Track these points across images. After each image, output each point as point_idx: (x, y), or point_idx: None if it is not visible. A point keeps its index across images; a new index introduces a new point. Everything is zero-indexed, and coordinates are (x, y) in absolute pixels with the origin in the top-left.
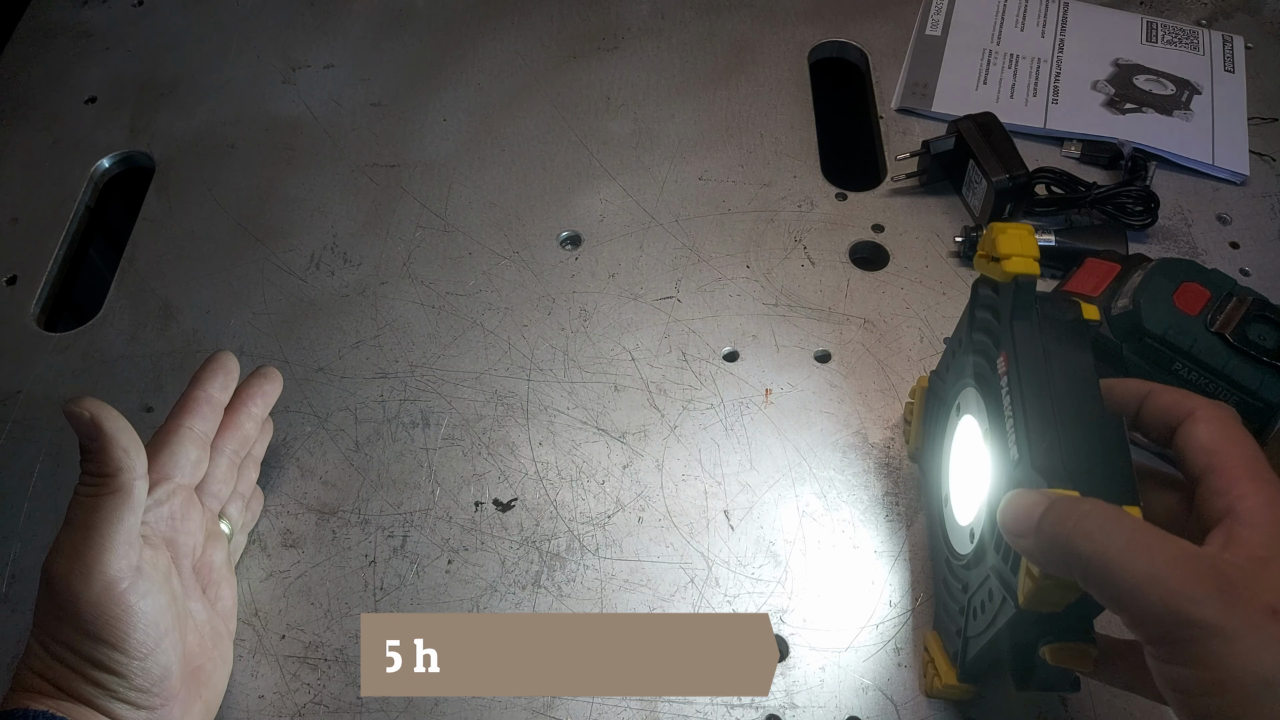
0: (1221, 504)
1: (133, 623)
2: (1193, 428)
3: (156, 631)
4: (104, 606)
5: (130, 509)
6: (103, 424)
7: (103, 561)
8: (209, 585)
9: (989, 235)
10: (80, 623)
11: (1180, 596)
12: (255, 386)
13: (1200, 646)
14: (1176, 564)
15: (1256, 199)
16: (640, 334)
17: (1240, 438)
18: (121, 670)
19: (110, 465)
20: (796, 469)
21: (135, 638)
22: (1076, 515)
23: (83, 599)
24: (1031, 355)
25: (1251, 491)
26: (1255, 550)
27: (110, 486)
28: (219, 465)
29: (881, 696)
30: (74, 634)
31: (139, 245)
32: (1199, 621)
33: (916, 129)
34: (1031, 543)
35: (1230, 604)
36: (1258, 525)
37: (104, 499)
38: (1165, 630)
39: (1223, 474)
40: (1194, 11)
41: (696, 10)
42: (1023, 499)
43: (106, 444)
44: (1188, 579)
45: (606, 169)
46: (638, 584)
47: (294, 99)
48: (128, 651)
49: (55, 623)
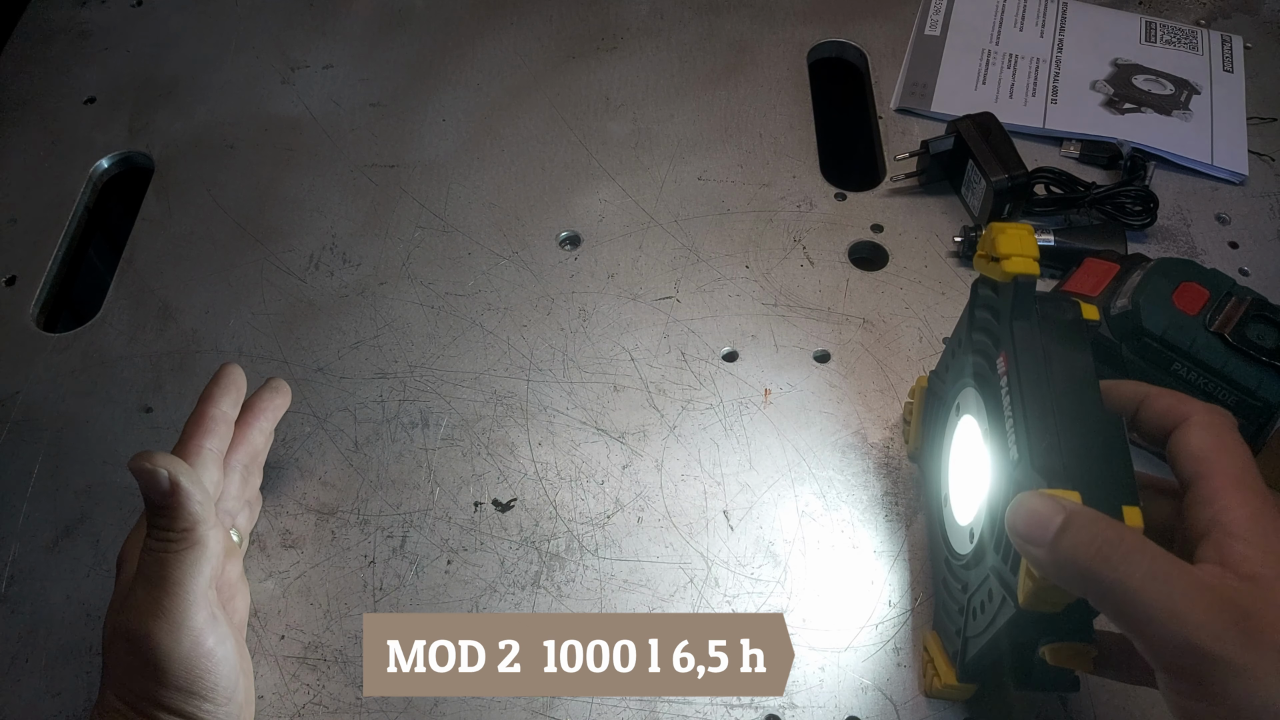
0: (1207, 514)
1: (218, 671)
2: (1185, 434)
3: (234, 673)
4: (194, 660)
5: (207, 560)
6: (180, 480)
7: (189, 616)
8: (226, 600)
9: (988, 235)
10: (169, 678)
11: (1201, 631)
12: (265, 400)
13: (1220, 684)
14: (1195, 596)
15: (1255, 199)
16: (639, 334)
17: (1231, 446)
18: (209, 717)
19: (188, 520)
20: (796, 469)
21: (221, 685)
22: (1098, 541)
23: (174, 656)
24: (1031, 355)
25: (1237, 503)
26: (1250, 567)
27: (188, 541)
28: (232, 481)
29: (881, 696)
30: (160, 689)
31: (138, 245)
32: (1218, 657)
33: (915, 129)
34: (1044, 555)
35: (1249, 640)
36: (1247, 539)
37: (183, 554)
38: (1183, 662)
39: (1209, 483)
40: (1193, 11)
41: (695, 10)
42: (1036, 505)
43: (184, 500)
44: (1208, 614)
45: (606, 169)
46: (637, 584)
47: (293, 99)
48: (215, 699)
49: (141, 680)
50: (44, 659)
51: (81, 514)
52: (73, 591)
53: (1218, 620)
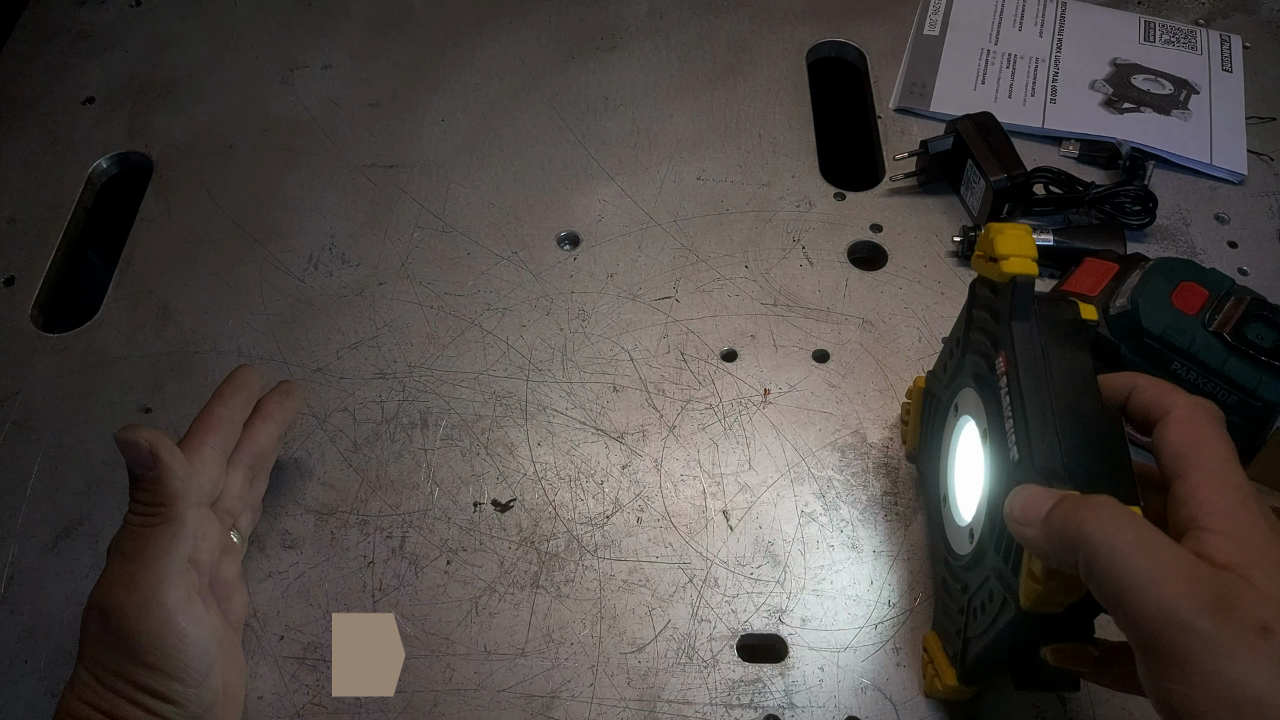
0: (1184, 513)
1: (189, 651)
2: (1165, 429)
3: (209, 657)
4: (163, 637)
5: (184, 538)
6: (160, 453)
7: (161, 592)
8: (223, 599)
9: (986, 236)
10: (138, 654)
11: (1179, 602)
12: (276, 404)
13: (1192, 659)
14: (1178, 569)
15: (1254, 198)
16: (639, 334)
17: (1210, 439)
18: (179, 699)
19: (166, 494)
20: (795, 469)
21: (192, 665)
22: (1088, 506)
23: (142, 630)
24: (1030, 355)
25: (1215, 497)
26: (1223, 557)
27: (165, 516)
28: (235, 480)
29: (880, 696)
30: (130, 665)
31: (137, 246)
32: (1195, 630)
33: (915, 129)
34: (1038, 532)
35: (1225, 617)
36: (1220, 532)
37: (159, 529)
38: (1160, 636)
39: (1185, 481)
40: (1192, 11)
41: (694, 10)
42: (1032, 491)
43: (164, 473)
44: (1188, 586)
45: (605, 169)
46: (636, 584)
47: (292, 99)
48: (185, 680)
49: (110, 654)
50: (44, 659)
51: (81, 514)
52: (72, 592)
53: (1197, 594)
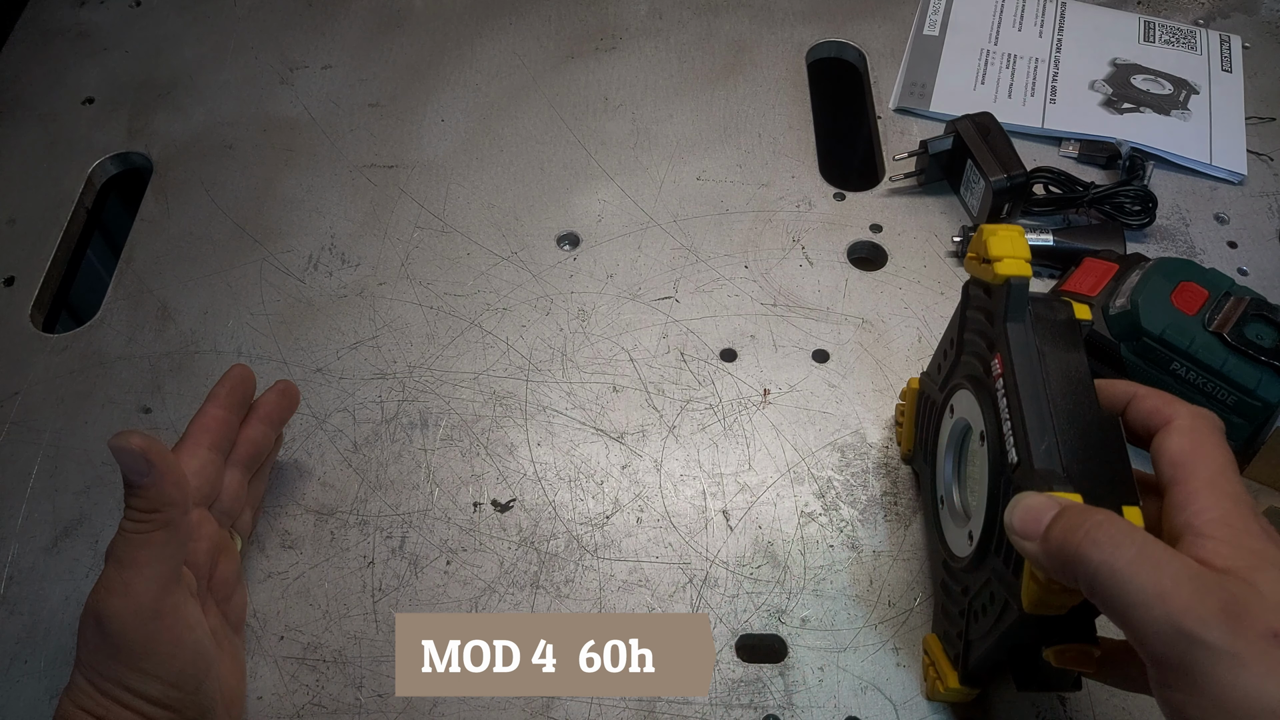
0: (1181, 519)
1: (185, 657)
2: (1165, 439)
3: (205, 662)
4: (158, 643)
5: (179, 543)
6: (154, 459)
7: (154, 599)
8: (223, 599)
9: (979, 237)
10: (135, 660)
11: (1187, 614)
12: (273, 403)
13: (1204, 670)
14: (1184, 581)
15: (1254, 198)
16: (638, 334)
17: (1209, 450)
18: (176, 704)
19: (160, 501)
20: (795, 469)
21: (188, 671)
22: (1087, 524)
23: (137, 637)
24: (1026, 357)
25: (1210, 506)
26: (1222, 562)
27: (160, 522)
28: (232, 481)
29: (880, 697)
30: (127, 671)
31: (136, 246)
32: (1204, 642)
33: (914, 129)
34: (1037, 548)
35: (1234, 626)
36: (1217, 538)
37: (154, 535)
38: (1169, 649)
39: (1184, 487)
40: (1191, 11)
41: (694, 10)
42: (1031, 502)
43: (158, 480)
44: (1195, 597)
45: (604, 169)
46: (636, 584)
47: (292, 99)
48: (181, 685)
49: (106, 660)
50: (43, 659)
51: (81, 514)
52: (72, 592)
53: (1204, 604)
